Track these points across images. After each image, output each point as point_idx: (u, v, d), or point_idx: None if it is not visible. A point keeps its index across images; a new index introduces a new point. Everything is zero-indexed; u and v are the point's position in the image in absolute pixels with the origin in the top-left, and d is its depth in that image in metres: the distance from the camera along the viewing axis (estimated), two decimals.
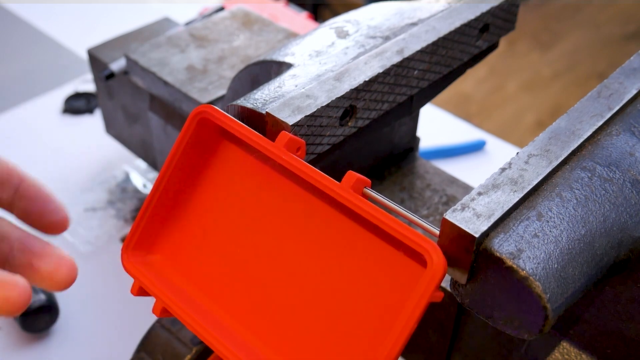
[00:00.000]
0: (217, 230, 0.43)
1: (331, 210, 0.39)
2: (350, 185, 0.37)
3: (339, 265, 0.38)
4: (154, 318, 0.59)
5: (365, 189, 0.38)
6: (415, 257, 0.36)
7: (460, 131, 1.09)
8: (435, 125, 1.06)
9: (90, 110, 1.05)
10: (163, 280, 0.42)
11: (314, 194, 0.39)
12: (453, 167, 0.77)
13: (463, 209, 0.36)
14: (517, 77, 2.62)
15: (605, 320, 0.43)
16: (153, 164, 0.84)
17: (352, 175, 0.38)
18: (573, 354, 0.45)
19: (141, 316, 0.63)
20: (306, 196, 0.40)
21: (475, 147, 1.04)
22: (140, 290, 0.42)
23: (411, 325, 0.34)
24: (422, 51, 0.50)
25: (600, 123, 0.42)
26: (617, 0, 3.06)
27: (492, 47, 0.59)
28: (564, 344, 0.45)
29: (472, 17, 0.53)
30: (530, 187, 0.37)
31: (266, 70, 0.54)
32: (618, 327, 0.42)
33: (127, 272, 0.43)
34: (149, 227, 0.43)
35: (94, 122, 1.03)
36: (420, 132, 0.68)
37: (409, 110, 0.56)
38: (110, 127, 0.89)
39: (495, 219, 0.35)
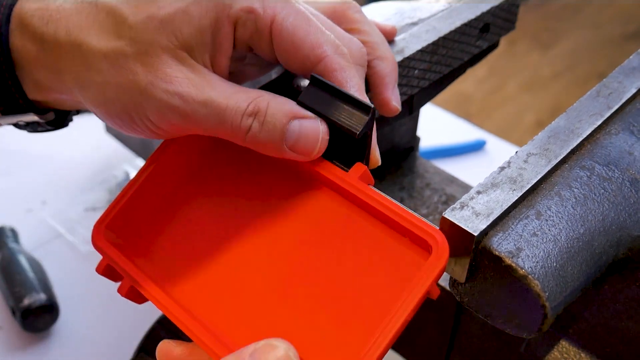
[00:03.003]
0: (206, 222, 0.41)
1: (333, 198, 0.39)
2: (359, 176, 0.38)
3: (339, 252, 0.38)
4: (154, 318, 0.59)
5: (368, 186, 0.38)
6: (420, 245, 0.36)
7: (460, 131, 1.09)
8: (436, 125, 1.06)
9: (89, 110, 1.05)
10: (133, 263, 0.40)
11: (314, 181, 0.39)
12: (453, 167, 0.77)
13: (462, 207, 0.36)
14: (517, 77, 2.62)
15: (605, 319, 0.43)
16: None
17: (360, 167, 0.38)
18: (572, 353, 0.45)
19: (141, 316, 0.63)
20: (305, 183, 0.40)
21: (475, 147, 1.04)
22: (106, 269, 0.40)
23: (411, 307, 0.33)
24: (422, 51, 0.50)
25: (600, 122, 0.42)
26: (617, 0, 3.06)
27: (492, 46, 0.59)
28: (563, 342, 0.45)
29: (472, 16, 0.53)
30: (529, 185, 0.37)
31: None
32: (617, 326, 0.42)
33: (95, 248, 0.40)
34: (127, 210, 0.41)
35: (94, 122, 1.03)
36: (420, 131, 0.68)
37: (410, 110, 0.56)
38: (111, 128, 0.89)
39: (494, 218, 0.35)
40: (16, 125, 0.44)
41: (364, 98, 0.39)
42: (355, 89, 0.39)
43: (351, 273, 0.37)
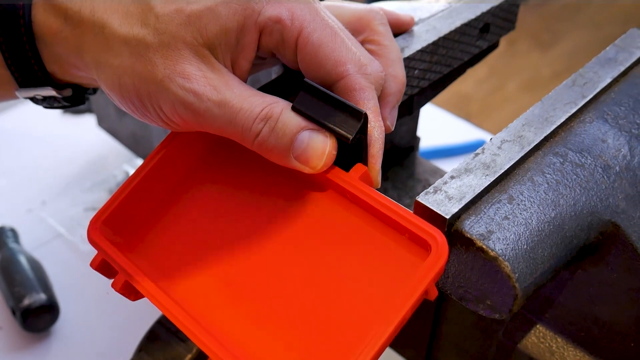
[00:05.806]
0: (204, 219, 0.42)
1: (334, 197, 0.39)
2: (359, 176, 0.38)
3: (338, 251, 0.38)
4: (154, 318, 0.59)
5: None
6: (420, 244, 0.36)
7: (460, 131, 1.09)
8: (436, 125, 1.06)
9: (90, 110, 1.06)
10: (129, 258, 0.40)
11: (315, 181, 0.39)
12: (453, 167, 0.77)
13: (435, 191, 0.37)
14: (517, 77, 2.62)
15: (579, 304, 0.43)
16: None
17: (360, 167, 0.38)
18: (549, 337, 0.45)
19: (141, 316, 0.63)
20: (305, 183, 0.40)
21: (475, 147, 1.04)
22: (101, 264, 0.40)
23: (408, 307, 0.34)
24: (422, 51, 0.50)
25: (574, 110, 0.43)
26: (617, 0, 3.06)
27: (493, 46, 0.58)
28: (540, 327, 0.46)
29: (472, 16, 0.53)
30: (502, 171, 0.38)
31: (267, 69, 0.55)
32: (592, 310, 0.43)
33: (91, 243, 0.40)
34: (124, 207, 0.41)
35: (94, 122, 1.04)
36: (420, 131, 0.68)
37: (410, 110, 0.56)
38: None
39: (467, 202, 0.36)
40: (33, 99, 0.44)
41: (378, 116, 0.40)
42: (371, 110, 0.39)
43: (350, 271, 0.37)
